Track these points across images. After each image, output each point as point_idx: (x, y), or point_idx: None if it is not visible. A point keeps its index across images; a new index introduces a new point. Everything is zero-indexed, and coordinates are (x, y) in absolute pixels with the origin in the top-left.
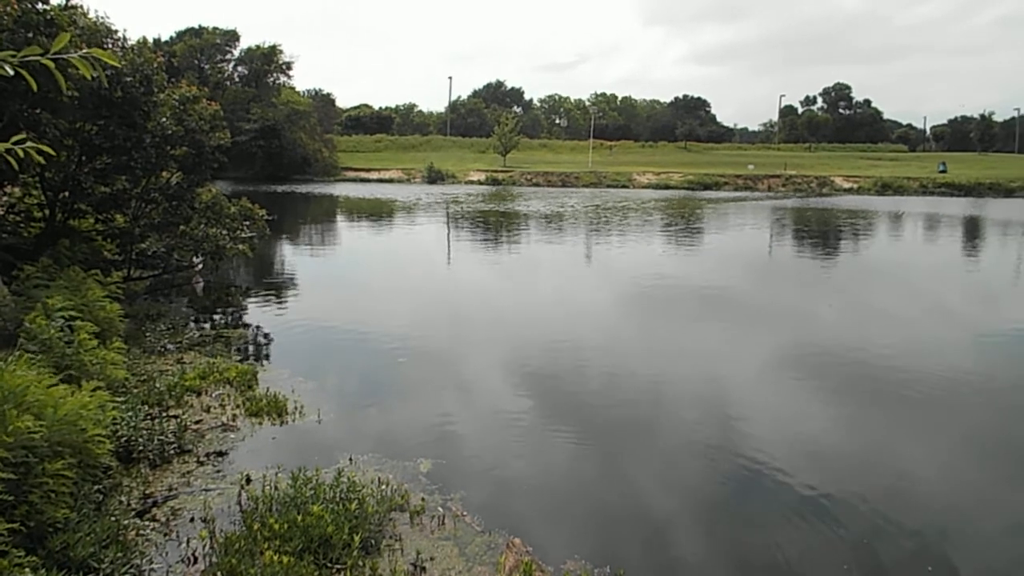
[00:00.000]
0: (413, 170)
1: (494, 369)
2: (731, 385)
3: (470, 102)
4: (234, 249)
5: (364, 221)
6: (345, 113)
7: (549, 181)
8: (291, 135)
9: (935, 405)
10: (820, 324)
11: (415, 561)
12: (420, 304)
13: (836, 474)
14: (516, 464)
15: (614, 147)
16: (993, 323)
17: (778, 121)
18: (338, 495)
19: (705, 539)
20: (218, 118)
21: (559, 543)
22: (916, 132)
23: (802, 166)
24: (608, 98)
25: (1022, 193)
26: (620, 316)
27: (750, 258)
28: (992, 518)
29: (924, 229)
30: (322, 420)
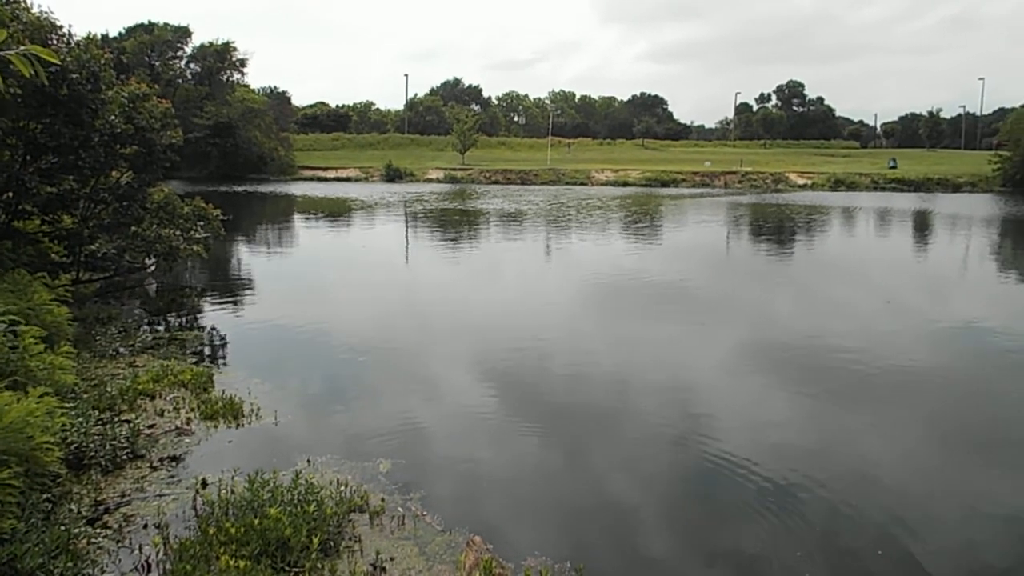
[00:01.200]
0: (371, 168)
1: (456, 367)
2: (693, 378)
3: (428, 100)
4: (188, 250)
5: (322, 220)
6: (301, 111)
7: (508, 179)
8: (246, 134)
9: (892, 393)
10: (780, 317)
11: (375, 562)
12: (380, 303)
13: (797, 463)
14: (477, 462)
15: (572, 145)
16: (945, 314)
17: (734, 118)
18: (296, 497)
19: (667, 531)
20: (169, 116)
21: (520, 540)
22: (867, 129)
23: (758, 163)
24: (566, 96)
25: (968, 188)
26: (583, 312)
27: (710, 254)
28: (948, 503)
29: (877, 224)
30: (279, 422)
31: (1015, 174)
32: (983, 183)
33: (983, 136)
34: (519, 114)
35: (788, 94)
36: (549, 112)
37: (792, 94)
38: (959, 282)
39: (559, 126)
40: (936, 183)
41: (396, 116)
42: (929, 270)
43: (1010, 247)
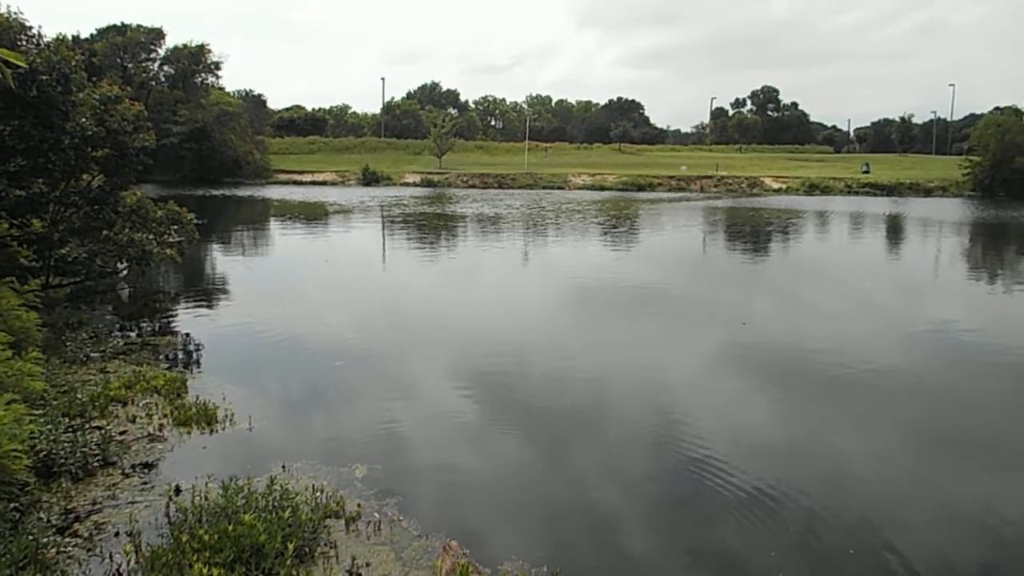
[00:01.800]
0: (348, 172)
1: (432, 371)
2: (671, 380)
3: (405, 104)
4: (161, 254)
5: (298, 225)
6: (277, 114)
7: (485, 183)
8: (221, 137)
9: (865, 395)
10: (756, 320)
11: (351, 568)
12: (357, 308)
13: (773, 463)
14: (454, 466)
15: (549, 149)
16: (917, 316)
17: (709, 123)
18: (271, 503)
19: (644, 532)
20: (142, 119)
21: (497, 544)
22: (841, 134)
23: (733, 167)
24: (543, 100)
25: (940, 193)
26: (561, 315)
27: (687, 258)
28: (919, 501)
29: (851, 228)
30: (254, 427)
31: (985, 179)
32: (954, 188)
33: (954, 141)
34: (496, 118)
35: (763, 99)
36: (526, 116)
37: (767, 99)
38: (930, 285)
39: (536, 130)
40: (908, 187)
41: (373, 120)
42: (902, 273)
43: (980, 251)
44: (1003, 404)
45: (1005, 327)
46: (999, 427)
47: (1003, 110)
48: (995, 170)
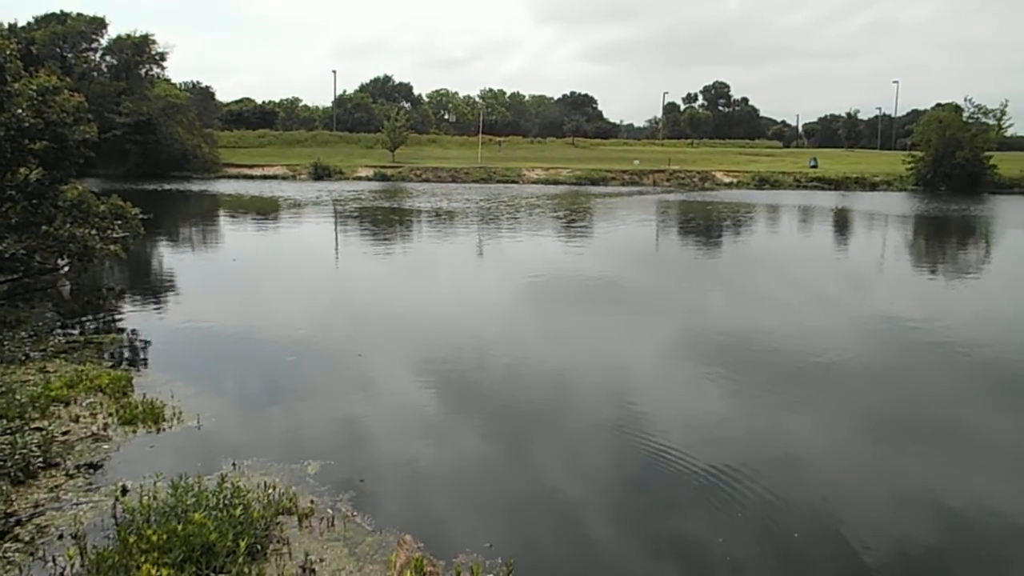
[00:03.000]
0: (299, 166)
1: (388, 366)
2: (628, 372)
3: (357, 97)
4: (105, 250)
5: (249, 219)
6: (226, 107)
7: (439, 177)
8: (167, 130)
9: (816, 382)
10: (711, 311)
11: (304, 564)
12: (310, 303)
13: (729, 451)
14: (408, 461)
15: (503, 143)
16: (866, 308)
17: (662, 118)
18: (222, 501)
19: (600, 522)
20: (83, 110)
21: (452, 537)
22: (790, 129)
23: (685, 161)
24: (496, 94)
25: (884, 187)
26: (519, 309)
27: (642, 251)
28: (870, 485)
29: (801, 221)
30: (203, 425)
31: (927, 173)
32: (898, 182)
33: (898, 137)
34: (450, 112)
35: (714, 95)
36: (480, 110)
37: (718, 95)
38: (878, 277)
39: (490, 124)
40: (854, 181)
41: (324, 113)
42: (850, 266)
43: (923, 243)
44: (946, 390)
45: (948, 317)
46: (943, 412)
47: (944, 107)
48: (937, 165)
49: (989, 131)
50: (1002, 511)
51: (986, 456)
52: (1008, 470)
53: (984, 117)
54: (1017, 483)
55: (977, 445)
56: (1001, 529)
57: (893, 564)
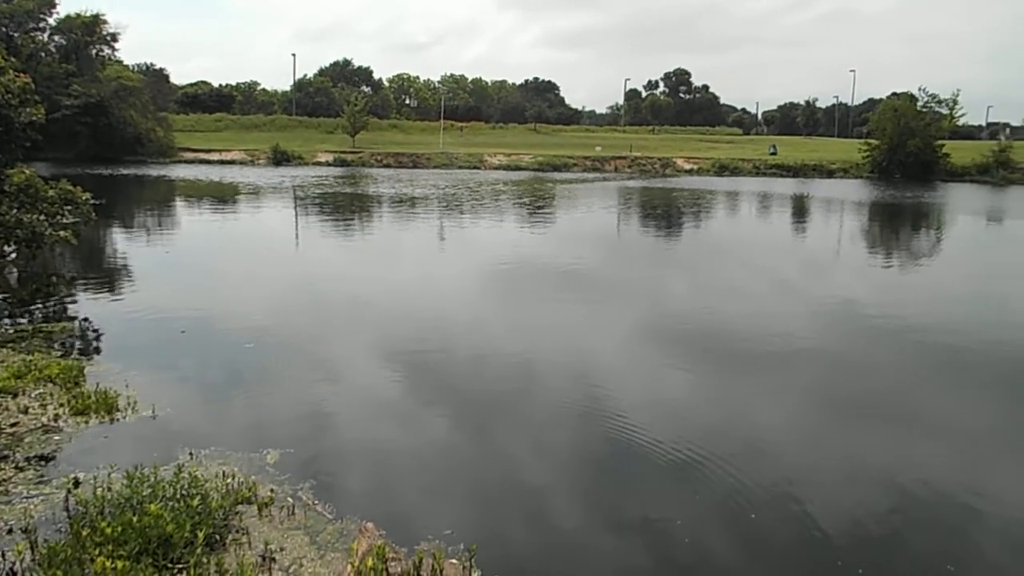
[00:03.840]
0: (257, 151)
1: (349, 352)
2: (592, 356)
3: (317, 81)
4: (54, 236)
5: (206, 205)
6: (181, 90)
7: (400, 162)
8: (120, 113)
9: (779, 366)
10: (674, 297)
11: (264, 553)
12: (270, 290)
13: (693, 434)
14: (370, 449)
15: (465, 128)
16: (824, 292)
17: (624, 104)
18: (179, 492)
19: (565, 506)
20: (29, 91)
21: (414, 524)
22: (750, 117)
23: (646, 148)
24: (457, 79)
25: (841, 174)
26: (482, 295)
27: (605, 237)
28: (834, 464)
29: (761, 208)
30: (159, 415)
31: (882, 161)
32: (854, 169)
33: (854, 125)
34: (411, 97)
35: (675, 82)
36: (441, 95)
37: (679, 82)
38: (835, 262)
39: (452, 109)
40: (812, 168)
41: (283, 97)
42: (809, 251)
43: (878, 229)
44: (901, 373)
45: (903, 302)
46: (899, 394)
47: (899, 96)
48: (892, 153)
49: (942, 120)
50: (952, 488)
51: (939, 436)
52: (959, 449)
53: (937, 107)
54: (967, 461)
55: (931, 426)
56: (952, 504)
57: (850, 540)
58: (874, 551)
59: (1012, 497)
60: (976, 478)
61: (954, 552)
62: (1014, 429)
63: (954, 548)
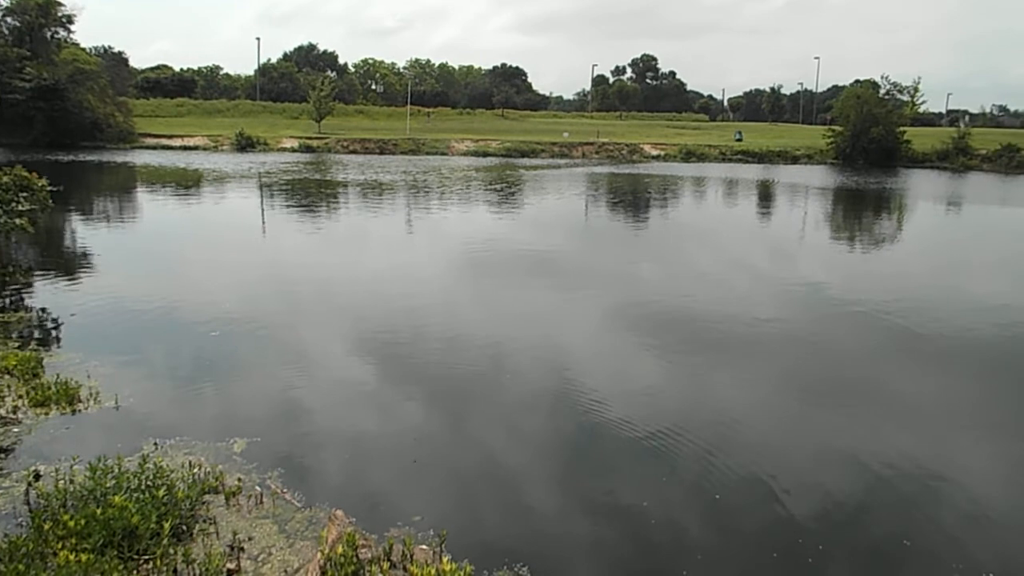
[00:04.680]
0: (221, 137)
1: (317, 340)
2: (561, 340)
3: (281, 66)
4: (9, 224)
5: (169, 192)
6: (141, 74)
7: (366, 148)
8: (77, 97)
9: (747, 349)
10: (643, 281)
11: (232, 543)
12: (235, 277)
13: (669, 417)
14: (339, 436)
15: (432, 114)
16: (790, 276)
17: (591, 90)
18: (144, 483)
19: (535, 490)
20: None
21: (384, 511)
22: (716, 103)
23: (614, 134)
24: (423, 64)
25: (805, 160)
26: (452, 281)
27: (574, 222)
28: (802, 443)
29: (728, 193)
30: (122, 405)
31: (846, 147)
32: (818, 155)
33: (818, 112)
34: (377, 82)
35: (643, 68)
36: (408, 80)
37: (646, 68)
38: (800, 246)
39: (418, 95)
40: (777, 155)
41: (247, 82)
42: (775, 236)
43: (843, 214)
44: (864, 352)
45: (866, 284)
46: (862, 373)
47: (862, 83)
48: (855, 139)
49: (903, 108)
50: (912, 465)
51: (900, 412)
52: (919, 424)
53: (899, 94)
54: (926, 436)
55: (892, 403)
56: (910, 481)
57: (811, 516)
58: (835, 527)
59: (968, 473)
60: (934, 455)
61: (911, 526)
62: (972, 408)
63: (911, 523)
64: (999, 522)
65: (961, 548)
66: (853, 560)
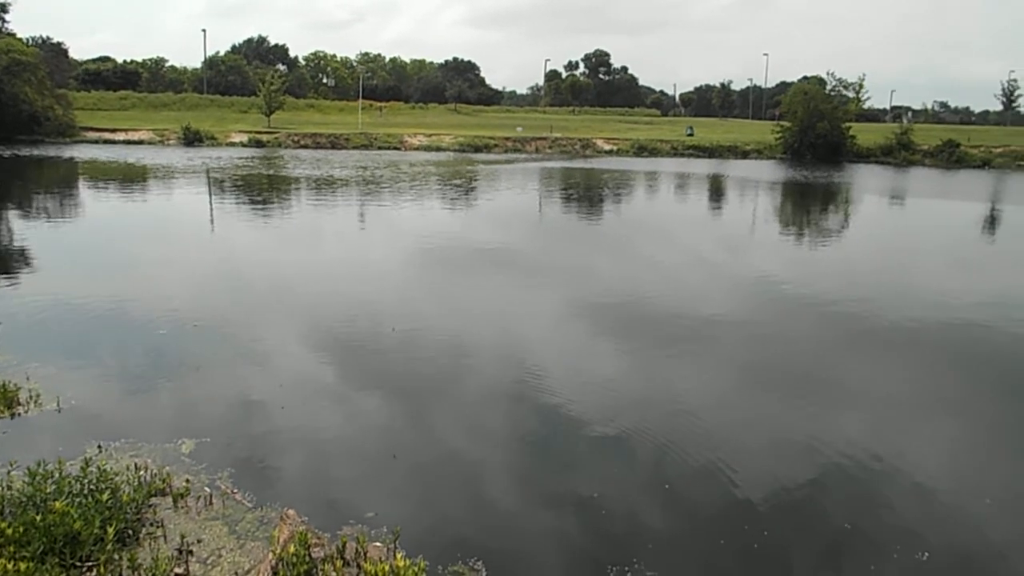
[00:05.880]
0: (167, 131)
1: (266, 336)
2: (520, 335)
3: (229, 59)
4: None
5: (113, 188)
6: (82, 66)
7: (318, 143)
8: (13, 89)
9: (702, 341)
10: (599, 275)
11: (180, 546)
12: (183, 274)
13: (626, 409)
14: (289, 433)
15: (384, 108)
16: (742, 268)
17: (544, 85)
18: (87, 487)
19: (491, 486)
20: None
21: (338, 509)
22: (667, 98)
23: (567, 129)
24: (375, 58)
25: (755, 155)
26: (407, 276)
27: (529, 217)
28: (757, 431)
29: (680, 188)
30: (64, 408)
31: (794, 142)
32: (767, 150)
33: (767, 107)
34: (328, 76)
35: (595, 63)
36: (360, 74)
37: (599, 63)
38: (751, 239)
39: (370, 89)
40: (728, 150)
41: (194, 75)
42: (727, 229)
43: (791, 208)
44: (815, 341)
45: (814, 274)
46: (814, 363)
47: (809, 79)
48: (803, 135)
49: (849, 104)
50: (860, 451)
51: (851, 401)
52: (876, 415)
53: (844, 90)
54: (884, 426)
55: (843, 392)
56: (858, 466)
57: (763, 500)
58: (782, 513)
59: (912, 458)
60: (880, 441)
61: (856, 510)
62: (917, 394)
63: (857, 506)
64: (942, 504)
65: (904, 529)
66: (798, 543)
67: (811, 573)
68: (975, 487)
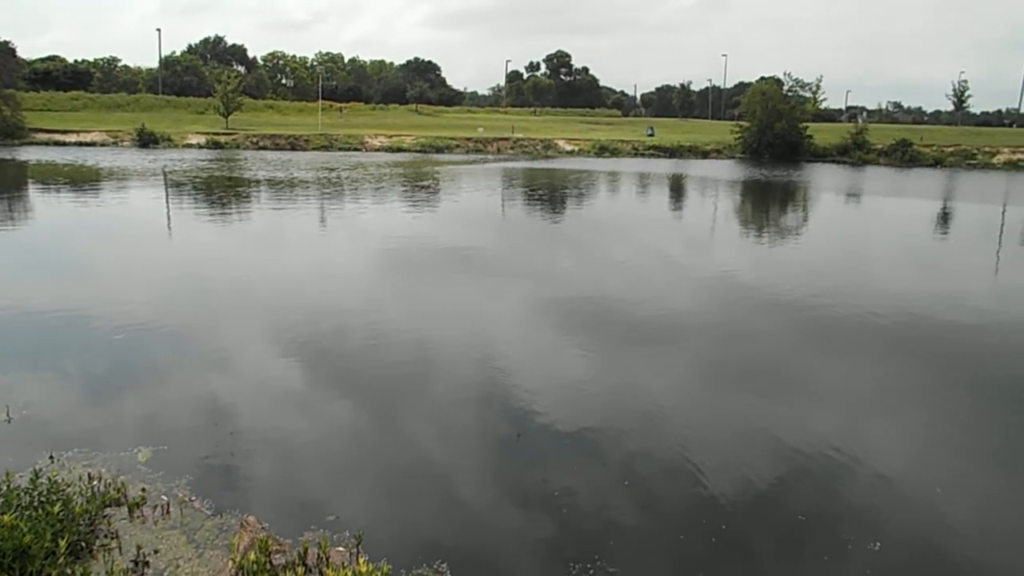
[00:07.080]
0: (121, 132)
1: (225, 341)
2: (485, 336)
3: (185, 59)
4: None
5: (65, 191)
6: (30, 65)
7: (277, 144)
8: None
9: (667, 338)
10: (562, 276)
11: (136, 557)
12: (140, 279)
13: (593, 410)
14: (248, 439)
15: (344, 109)
16: (704, 266)
17: (506, 86)
18: (36, 499)
19: (459, 488)
20: None
21: (299, 515)
22: (628, 99)
23: (528, 129)
24: (335, 58)
25: (715, 155)
26: (371, 278)
27: (492, 217)
28: (721, 427)
29: (642, 187)
30: (14, 418)
31: (753, 142)
32: (727, 150)
33: (727, 107)
34: (287, 76)
35: (556, 63)
36: (319, 75)
37: (560, 64)
38: (712, 238)
39: (330, 90)
40: (688, 150)
41: (149, 75)
42: (689, 228)
43: (751, 206)
44: (777, 337)
45: (775, 272)
46: (774, 359)
47: (767, 80)
48: (761, 135)
49: (806, 104)
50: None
51: (817, 398)
52: (835, 409)
53: (801, 91)
54: (843, 419)
55: (802, 386)
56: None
57: (725, 492)
58: (745, 505)
59: (870, 449)
60: (841, 434)
61: (815, 501)
62: (875, 387)
63: (815, 498)
64: (897, 494)
65: (859, 519)
66: (757, 534)
67: (770, 564)
68: (928, 477)
